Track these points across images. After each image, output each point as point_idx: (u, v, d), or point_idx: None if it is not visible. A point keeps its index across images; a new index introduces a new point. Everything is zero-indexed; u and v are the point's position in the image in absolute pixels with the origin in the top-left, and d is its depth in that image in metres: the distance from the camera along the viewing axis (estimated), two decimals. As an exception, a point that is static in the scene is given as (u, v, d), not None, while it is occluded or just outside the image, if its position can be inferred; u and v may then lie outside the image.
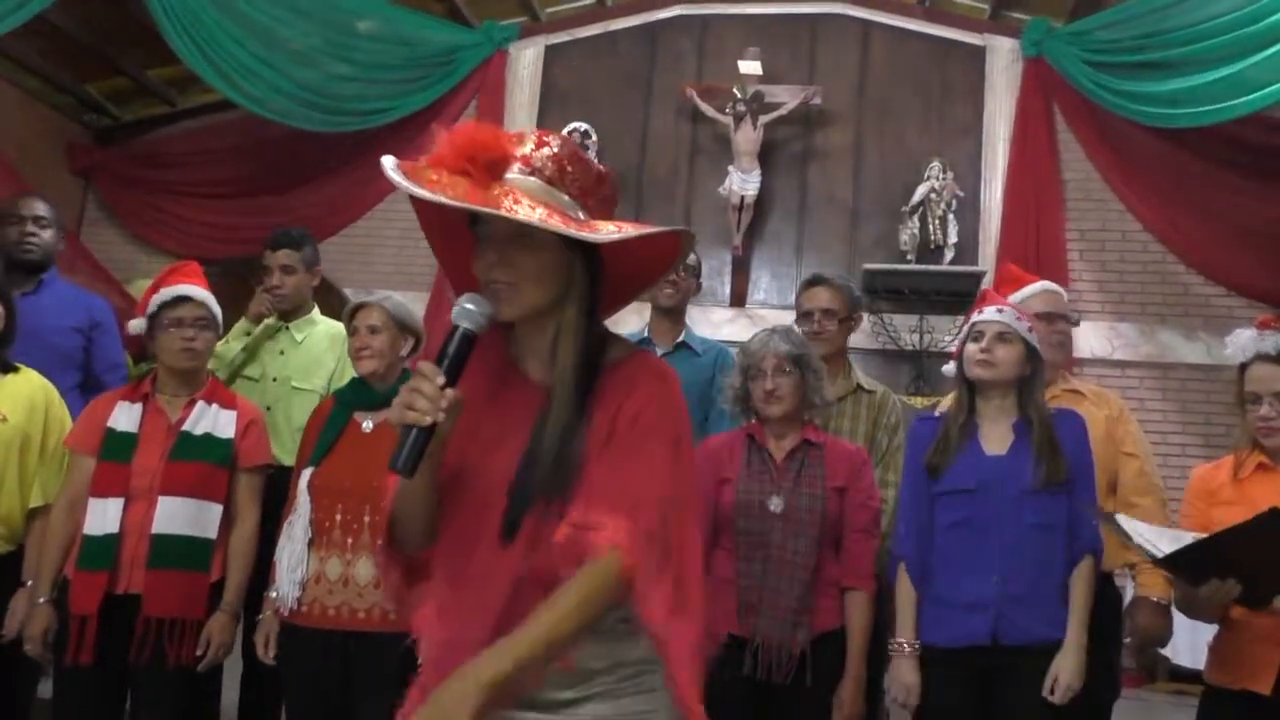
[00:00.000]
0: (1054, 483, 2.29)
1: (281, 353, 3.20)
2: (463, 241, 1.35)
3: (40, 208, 3.34)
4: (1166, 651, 4.84)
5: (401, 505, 1.33)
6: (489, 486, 1.31)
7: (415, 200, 1.28)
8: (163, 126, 6.73)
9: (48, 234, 3.32)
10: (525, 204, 1.23)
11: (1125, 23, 5.31)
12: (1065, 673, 2.21)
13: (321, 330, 3.29)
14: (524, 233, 1.28)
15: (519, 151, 1.30)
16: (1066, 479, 2.30)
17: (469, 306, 1.27)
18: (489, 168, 1.25)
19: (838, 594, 2.45)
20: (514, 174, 1.28)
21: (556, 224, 1.24)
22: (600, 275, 1.35)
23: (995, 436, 2.39)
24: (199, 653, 2.40)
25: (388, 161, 1.23)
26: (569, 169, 1.32)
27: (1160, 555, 2.02)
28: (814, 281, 3.07)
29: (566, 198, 1.31)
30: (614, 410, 1.31)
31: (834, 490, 2.45)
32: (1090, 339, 5.56)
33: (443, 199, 1.20)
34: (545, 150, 1.32)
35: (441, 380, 1.23)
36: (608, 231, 1.28)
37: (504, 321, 1.33)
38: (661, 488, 1.28)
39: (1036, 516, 2.28)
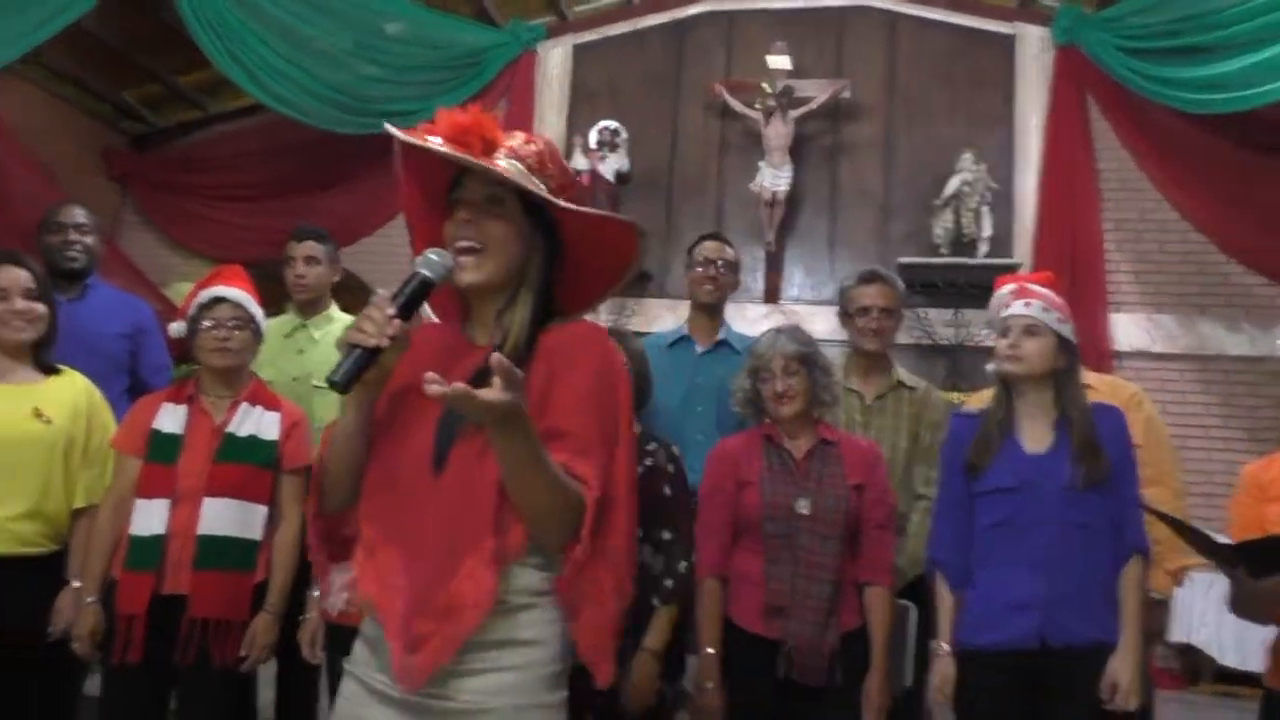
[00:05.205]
0: (1095, 481, 2.25)
1: (300, 351, 3.18)
2: (438, 219, 1.48)
3: (80, 214, 3.38)
4: (1212, 652, 4.76)
5: (333, 456, 1.43)
6: (422, 433, 1.40)
7: (406, 168, 1.48)
8: (196, 131, 6.79)
9: (90, 240, 3.36)
10: (507, 169, 1.40)
11: (1160, 7, 5.21)
12: (1124, 676, 2.17)
13: (339, 327, 3.27)
14: (496, 201, 1.42)
15: (507, 142, 1.44)
16: (1108, 477, 2.27)
17: (432, 257, 1.38)
18: (483, 144, 1.40)
19: (857, 591, 2.45)
20: (501, 157, 1.43)
21: (533, 187, 1.41)
22: (558, 261, 1.48)
23: (1035, 434, 2.36)
24: (242, 654, 2.41)
25: (390, 128, 1.43)
26: (549, 165, 1.46)
27: (1222, 542, 1.94)
28: (870, 278, 3.04)
29: (542, 186, 1.45)
30: (550, 371, 1.40)
31: (853, 488, 2.45)
32: (1129, 331, 5.49)
33: (441, 147, 1.37)
34: (531, 146, 1.46)
35: (392, 311, 1.31)
36: (565, 204, 1.43)
37: (463, 293, 1.45)
38: (600, 468, 1.37)
39: (1079, 515, 2.24)
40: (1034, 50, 5.83)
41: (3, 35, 4.03)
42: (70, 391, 2.63)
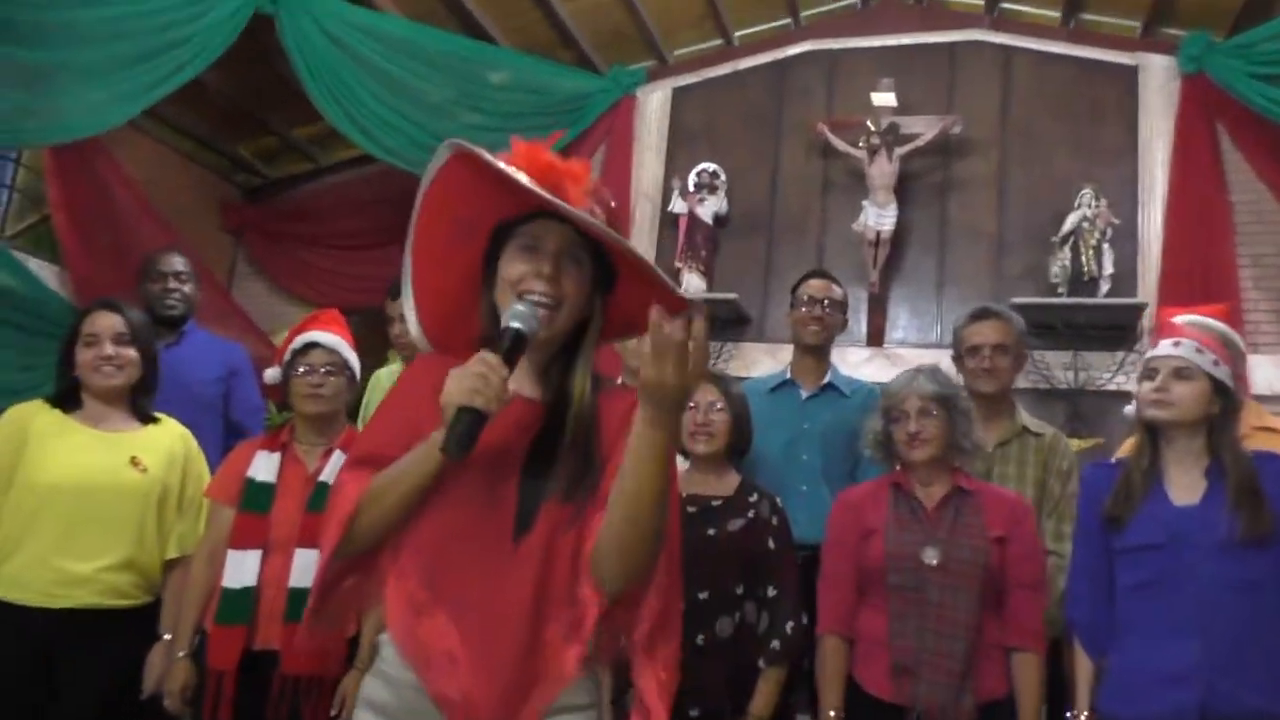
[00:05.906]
0: (1259, 534, 2.02)
1: None
2: (454, 250, 1.43)
3: (179, 263, 3.45)
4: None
5: (381, 504, 1.33)
6: (491, 491, 1.34)
7: (430, 194, 1.41)
8: (306, 183, 6.98)
9: (188, 288, 3.43)
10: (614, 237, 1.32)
11: (1296, 32, 4.90)
12: None
13: None
14: (573, 254, 1.37)
15: (580, 189, 1.37)
16: (1273, 530, 2.04)
17: (520, 309, 1.32)
18: (571, 187, 1.34)
19: (1003, 657, 2.24)
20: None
21: (643, 258, 1.30)
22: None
23: (1184, 484, 2.14)
24: (333, 712, 2.33)
25: (464, 144, 1.35)
26: (616, 220, 1.40)
27: None
28: (982, 315, 2.88)
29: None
30: (618, 434, 1.34)
31: (994, 541, 2.24)
32: (1268, 373, 5.10)
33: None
34: (601, 194, 1.40)
35: (506, 373, 1.26)
36: (672, 284, 1.33)
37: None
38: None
39: (1240, 573, 2.02)
40: (1158, 81, 5.54)
41: (123, 92, 4.18)
42: (166, 440, 2.62)
